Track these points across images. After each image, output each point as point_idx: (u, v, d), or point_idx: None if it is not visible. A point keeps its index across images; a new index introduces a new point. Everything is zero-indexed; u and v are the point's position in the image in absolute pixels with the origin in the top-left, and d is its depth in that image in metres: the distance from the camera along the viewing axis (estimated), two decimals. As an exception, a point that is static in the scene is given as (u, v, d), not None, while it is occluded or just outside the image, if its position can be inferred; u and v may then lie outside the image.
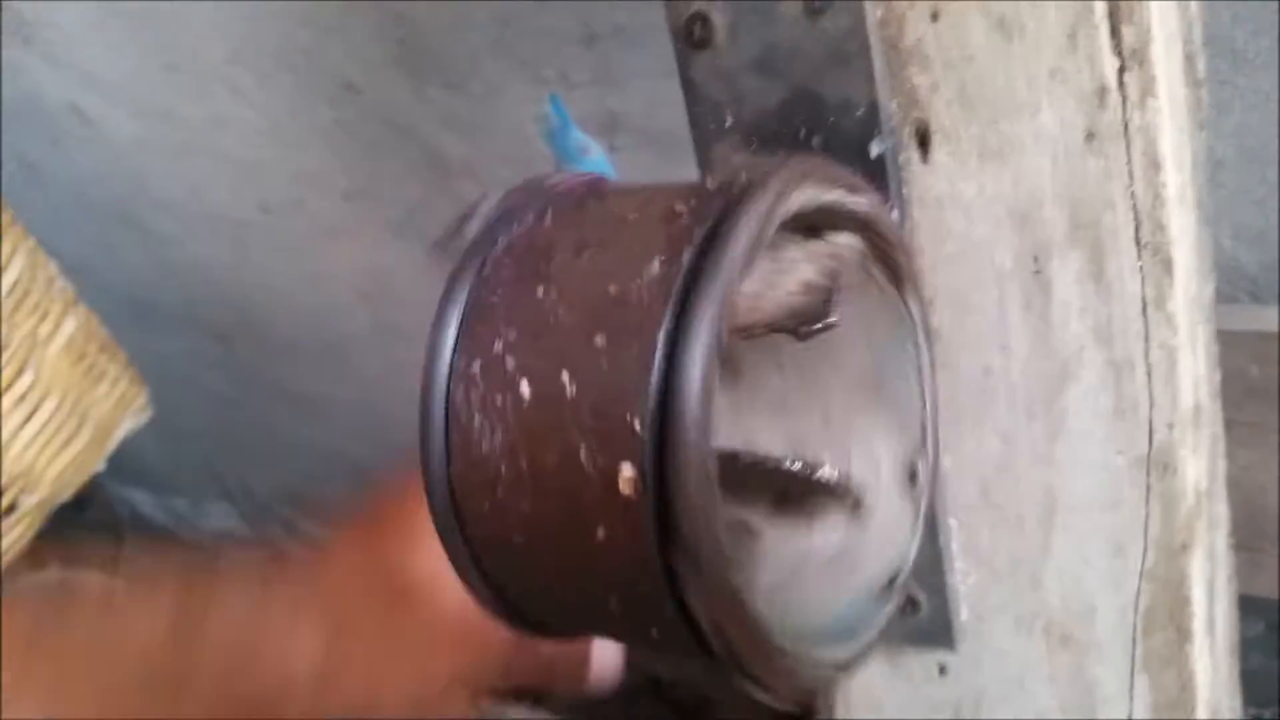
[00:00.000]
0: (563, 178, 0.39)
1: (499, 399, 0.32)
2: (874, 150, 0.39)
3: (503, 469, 0.32)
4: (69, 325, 1.07)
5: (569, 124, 0.64)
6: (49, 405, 1.06)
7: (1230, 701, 0.52)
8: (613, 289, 0.32)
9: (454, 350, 0.34)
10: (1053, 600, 0.45)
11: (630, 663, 0.55)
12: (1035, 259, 0.39)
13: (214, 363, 1.47)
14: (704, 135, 0.42)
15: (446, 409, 0.34)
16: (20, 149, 1.23)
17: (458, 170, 0.96)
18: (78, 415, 1.10)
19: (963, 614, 0.47)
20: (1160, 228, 0.37)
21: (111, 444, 1.15)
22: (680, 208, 0.33)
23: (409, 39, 0.87)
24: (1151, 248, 0.37)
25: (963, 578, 0.47)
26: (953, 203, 0.40)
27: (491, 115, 0.89)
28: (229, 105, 1.01)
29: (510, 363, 0.33)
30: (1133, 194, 0.37)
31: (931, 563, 0.46)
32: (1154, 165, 0.36)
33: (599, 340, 0.31)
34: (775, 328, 0.37)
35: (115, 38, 1.02)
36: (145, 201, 1.23)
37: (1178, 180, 0.37)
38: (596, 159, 0.61)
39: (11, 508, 1.05)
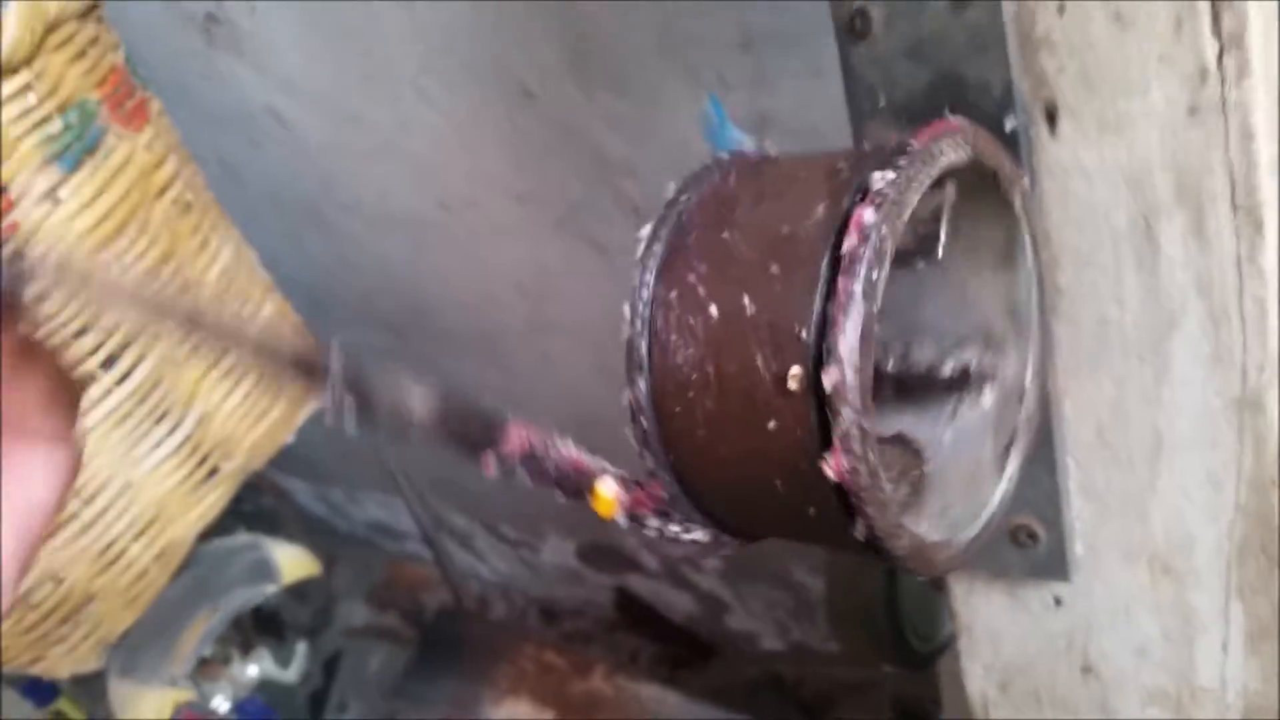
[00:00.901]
0: (741, 151, 0.47)
1: (691, 319, 0.40)
2: (1008, 125, 0.46)
3: (693, 376, 0.40)
4: (268, 309, 1.19)
5: (726, 122, 0.71)
6: (248, 381, 1.17)
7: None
8: (785, 229, 0.39)
9: (655, 283, 0.42)
10: (1157, 533, 0.51)
11: (754, 659, 0.61)
12: (1145, 219, 0.45)
13: (386, 355, 1.59)
14: (859, 114, 0.49)
15: (650, 331, 0.42)
16: (222, 151, 1.36)
17: (619, 169, 1.05)
18: (272, 392, 1.21)
19: (1077, 548, 0.53)
20: (1253, 191, 0.43)
21: (299, 419, 1.26)
22: (841, 165, 0.40)
23: (581, 46, 0.96)
24: (1245, 209, 0.43)
25: (1078, 513, 0.52)
26: (1076, 171, 0.46)
27: (653, 117, 0.97)
28: (416, 110, 1.11)
29: (702, 290, 0.40)
30: (1230, 161, 0.43)
31: (1049, 499, 0.52)
32: (1248, 136, 0.42)
33: (774, 269, 0.39)
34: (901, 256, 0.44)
35: (317, 49, 1.14)
36: (332, 202, 1.35)
37: (1270, 150, 0.43)
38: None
39: (214, 471, 1.17)
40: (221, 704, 1.40)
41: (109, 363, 1.01)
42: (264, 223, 1.38)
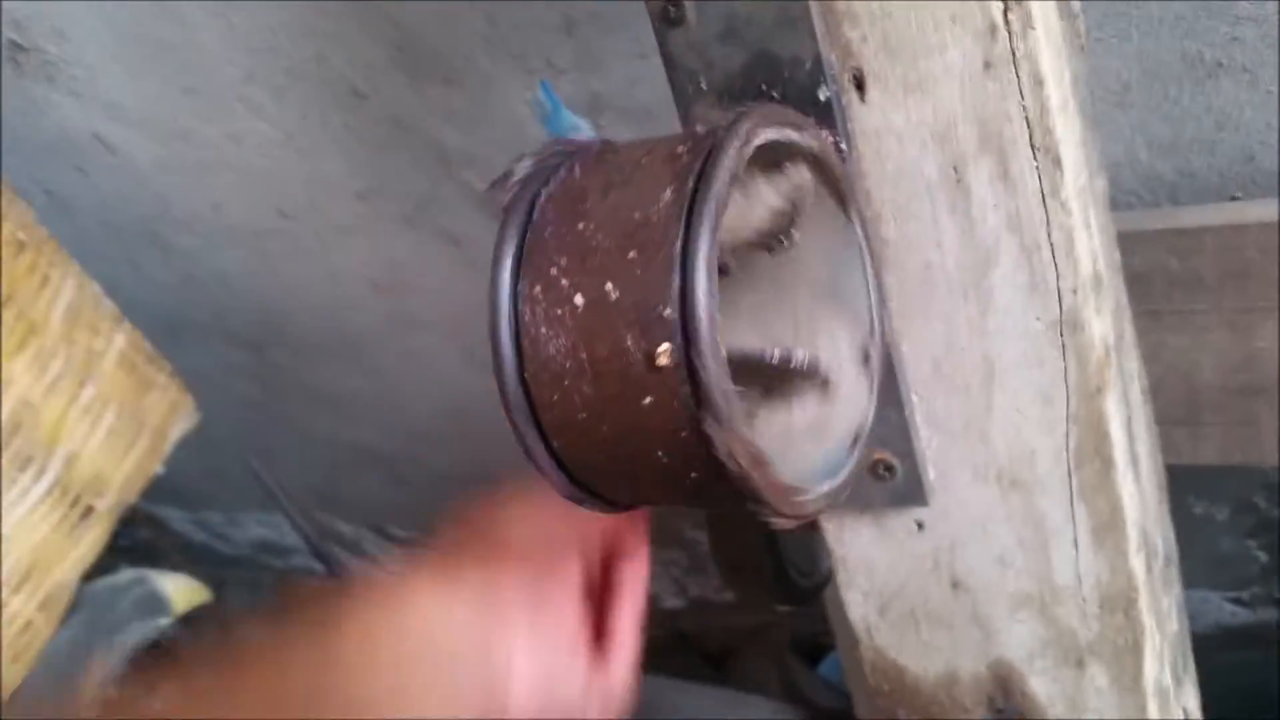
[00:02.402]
0: (578, 139, 0.49)
1: (559, 310, 0.42)
2: (821, 95, 0.49)
3: (567, 364, 0.42)
4: (119, 340, 1.17)
5: (559, 106, 0.72)
6: (110, 415, 1.15)
7: (1164, 532, 0.62)
8: (637, 215, 0.42)
9: (515, 279, 0.44)
10: (1000, 451, 0.55)
11: (656, 619, 0.63)
12: (955, 169, 0.49)
13: (246, 371, 1.56)
14: (684, 98, 0.52)
15: (515, 325, 0.44)
16: (47, 182, 1.32)
17: (459, 161, 1.06)
18: (136, 422, 1.19)
19: (930, 474, 0.57)
20: (1048, 132, 0.47)
21: (167, 448, 1.24)
22: (680, 149, 0.43)
23: (405, 43, 0.97)
24: (1043, 149, 0.47)
25: (927, 442, 0.57)
26: (887, 131, 0.50)
27: (487, 106, 0.99)
28: (245, 120, 1.10)
29: (565, 282, 0.42)
30: (1024, 108, 0.47)
31: (900, 433, 0.56)
32: (1038, 83, 0.46)
33: (632, 255, 0.41)
34: (753, 245, 0.48)
35: (136, 67, 1.11)
36: (168, 220, 1.33)
37: (1059, 94, 0.47)
38: (587, 135, 0.71)
39: (88, 511, 1.15)
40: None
41: (-38, 416, 0.99)
42: (100, 250, 1.35)
